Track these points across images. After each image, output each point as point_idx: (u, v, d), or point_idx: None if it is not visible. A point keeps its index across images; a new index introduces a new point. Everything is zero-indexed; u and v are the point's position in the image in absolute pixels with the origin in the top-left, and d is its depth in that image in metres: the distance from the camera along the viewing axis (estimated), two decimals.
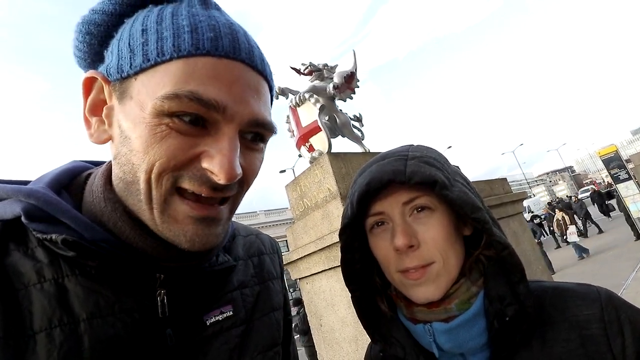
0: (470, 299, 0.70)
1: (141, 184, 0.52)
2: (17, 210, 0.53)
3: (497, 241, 0.68)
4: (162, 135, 0.50)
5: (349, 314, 2.64)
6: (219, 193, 0.54)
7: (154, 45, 0.51)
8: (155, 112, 0.49)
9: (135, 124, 0.51)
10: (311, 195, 3.12)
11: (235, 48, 0.53)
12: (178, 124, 0.50)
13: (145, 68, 0.51)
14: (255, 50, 0.56)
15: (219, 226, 0.57)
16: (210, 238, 0.56)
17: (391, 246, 0.70)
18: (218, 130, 0.52)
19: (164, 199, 0.52)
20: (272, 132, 0.60)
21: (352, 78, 3.83)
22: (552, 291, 0.72)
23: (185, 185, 0.52)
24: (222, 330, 0.65)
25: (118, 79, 0.53)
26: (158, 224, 0.54)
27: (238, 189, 0.59)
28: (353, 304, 0.80)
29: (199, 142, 0.52)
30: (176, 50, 0.50)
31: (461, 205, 0.67)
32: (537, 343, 0.67)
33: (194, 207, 0.53)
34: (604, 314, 0.65)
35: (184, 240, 0.54)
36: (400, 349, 0.74)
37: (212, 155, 0.51)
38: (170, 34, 0.51)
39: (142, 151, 0.51)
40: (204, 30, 0.52)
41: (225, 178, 0.51)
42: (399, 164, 0.70)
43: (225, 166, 0.50)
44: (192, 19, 0.53)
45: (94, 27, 0.58)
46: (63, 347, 0.48)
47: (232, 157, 0.51)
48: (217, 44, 0.52)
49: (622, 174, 9.46)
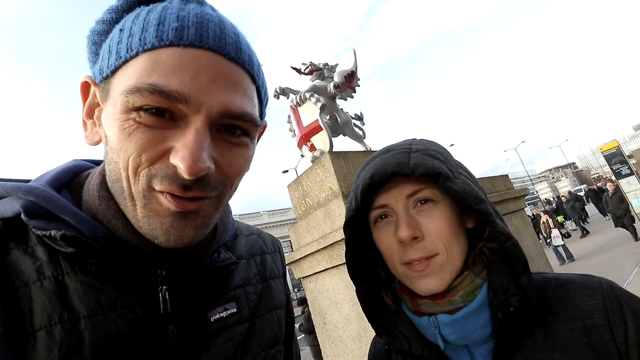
0: (474, 291, 0.70)
1: (123, 182, 0.52)
2: (17, 207, 0.54)
3: (500, 232, 0.68)
4: (130, 130, 0.49)
5: (352, 312, 2.64)
6: (189, 192, 0.51)
7: (124, 42, 0.51)
8: (123, 108, 0.49)
9: (110, 122, 0.52)
10: (313, 195, 3.13)
11: (203, 36, 0.51)
12: (144, 117, 0.49)
13: (118, 66, 0.51)
14: (228, 38, 0.54)
15: (197, 219, 0.54)
16: (187, 231, 0.54)
17: (395, 238, 0.70)
18: (187, 123, 0.50)
19: (144, 194, 0.51)
20: (254, 124, 0.57)
21: (352, 77, 3.84)
22: (555, 282, 0.72)
23: (157, 187, 0.51)
24: (226, 327, 0.65)
25: (102, 81, 0.54)
26: (139, 219, 0.53)
27: (221, 188, 0.56)
28: (358, 298, 0.80)
29: (168, 137, 0.50)
30: (142, 44, 0.49)
31: (464, 196, 0.67)
32: (541, 333, 0.67)
33: (171, 200, 0.51)
34: (606, 304, 0.65)
35: (160, 233, 0.53)
36: (405, 342, 0.75)
37: (177, 148, 0.49)
38: (138, 29, 0.51)
39: (117, 148, 0.50)
40: (170, 21, 0.50)
41: (188, 171, 0.48)
42: (402, 157, 0.70)
43: (187, 159, 0.48)
44: (163, 12, 0.52)
45: (97, 36, 0.59)
46: (63, 344, 0.48)
47: (196, 149, 0.48)
48: (182, 33, 0.50)
49: (624, 170, 9.44)
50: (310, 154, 3.51)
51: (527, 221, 4.53)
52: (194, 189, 0.51)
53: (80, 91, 0.58)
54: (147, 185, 0.51)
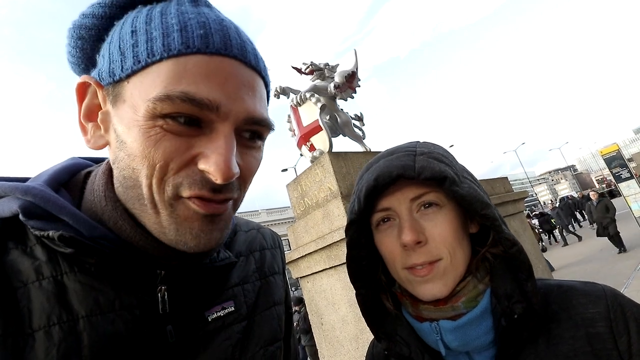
0: (477, 297, 0.69)
1: (144, 189, 0.52)
2: (15, 207, 0.53)
3: (506, 238, 0.68)
4: (157, 138, 0.49)
5: (349, 313, 2.64)
6: (219, 195, 0.53)
7: (143, 46, 0.50)
8: (148, 115, 0.49)
9: (129, 128, 0.51)
10: (312, 195, 3.13)
11: (227, 44, 0.52)
12: (172, 125, 0.49)
13: (136, 70, 0.50)
14: (247, 45, 0.55)
15: (221, 222, 0.57)
16: (215, 234, 0.55)
17: (397, 242, 0.70)
18: (213, 129, 0.51)
19: (170, 203, 0.52)
20: (270, 129, 0.59)
21: (353, 77, 3.84)
22: (558, 289, 0.72)
23: (185, 194, 0.51)
24: (223, 326, 0.65)
25: (111, 83, 0.53)
26: (165, 225, 0.53)
27: (239, 191, 0.58)
28: (358, 302, 0.79)
29: (194, 144, 0.51)
30: (166, 50, 0.49)
31: (471, 201, 0.67)
32: (544, 340, 0.66)
33: (200, 205, 0.52)
34: (609, 312, 0.65)
35: (189, 238, 0.53)
36: (405, 347, 0.74)
37: (208, 155, 0.50)
38: (159, 33, 0.50)
39: (139, 155, 0.50)
40: (193, 28, 0.51)
41: (222, 177, 0.50)
42: (407, 159, 0.69)
43: (221, 165, 0.50)
44: (181, 17, 0.52)
45: (85, 31, 0.57)
46: (62, 344, 0.48)
47: (228, 156, 0.50)
48: (208, 41, 0.50)
49: (624, 173, 9.45)
50: (309, 154, 3.51)
51: (526, 224, 4.54)
52: (223, 192, 0.54)
53: (76, 91, 0.57)
54: (173, 193, 0.52)
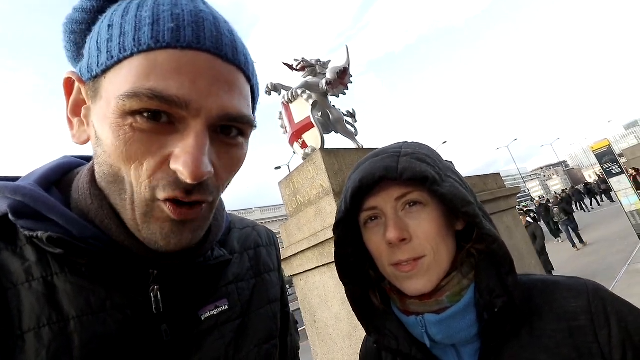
0: (461, 292, 0.71)
1: (125, 185, 0.51)
2: (4, 207, 0.52)
3: (487, 234, 0.69)
4: (127, 137, 0.48)
5: (342, 310, 2.65)
6: (191, 196, 0.51)
7: (116, 40, 0.49)
8: (118, 112, 0.47)
9: (103, 125, 0.50)
10: (304, 192, 3.12)
11: (200, 38, 0.49)
12: (141, 123, 0.48)
13: (110, 66, 0.49)
14: (224, 38, 0.52)
15: (194, 223, 0.55)
16: (185, 235, 0.54)
17: (384, 240, 0.71)
18: (186, 127, 0.49)
19: (146, 204, 0.51)
20: (251, 125, 0.57)
21: (345, 74, 3.83)
22: (541, 284, 0.73)
23: (161, 196, 0.50)
24: (217, 325, 0.64)
25: (90, 79, 0.52)
26: (139, 223, 0.52)
27: (216, 193, 0.56)
28: (347, 297, 0.81)
29: (167, 142, 0.49)
30: (136, 44, 0.48)
31: (451, 199, 0.68)
32: (527, 333, 0.68)
33: (172, 209, 0.51)
34: (591, 306, 0.66)
35: (160, 237, 0.52)
36: (394, 341, 0.75)
37: (178, 154, 0.48)
38: (131, 27, 0.49)
39: (114, 153, 0.49)
40: (165, 21, 0.48)
41: (191, 177, 0.48)
42: (391, 161, 0.71)
43: (190, 164, 0.47)
44: (156, 9, 0.50)
45: (76, 25, 0.57)
46: (52, 346, 0.48)
47: (198, 155, 0.48)
48: (179, 35, 0.48)
49: (615, 168, 9.54)
50: (301, 151, 3.50)
51: (519, 219, 4.57)
52: (196, 193, 0.51)
53: (63, 87, 0.56)
54: (150, 195, 0.50)
